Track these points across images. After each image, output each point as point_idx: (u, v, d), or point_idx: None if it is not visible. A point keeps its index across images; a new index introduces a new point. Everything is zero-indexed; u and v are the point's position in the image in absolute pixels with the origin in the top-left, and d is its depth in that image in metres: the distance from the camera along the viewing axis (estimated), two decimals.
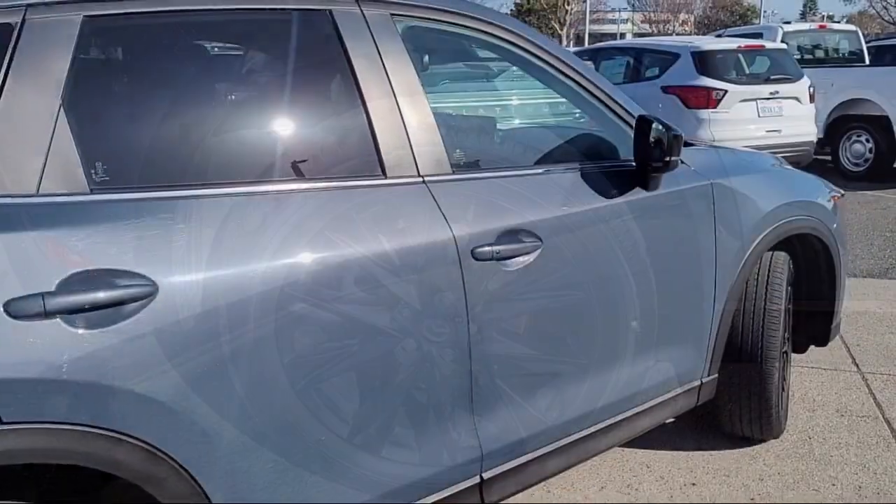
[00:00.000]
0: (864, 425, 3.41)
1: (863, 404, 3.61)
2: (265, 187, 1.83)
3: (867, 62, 11.89)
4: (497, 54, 2.63)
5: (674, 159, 2.39)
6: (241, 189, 1.79)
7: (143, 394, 1.53)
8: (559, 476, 2.77)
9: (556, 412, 2.35)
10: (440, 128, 2.13)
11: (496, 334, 2.15)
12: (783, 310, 3.06)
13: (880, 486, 2.93)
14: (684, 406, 2.85)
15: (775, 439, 3.24)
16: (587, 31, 42.74)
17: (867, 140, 10.06)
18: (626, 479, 3.00)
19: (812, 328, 3.48)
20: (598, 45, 11.54)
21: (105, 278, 1.50)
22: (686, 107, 8.27)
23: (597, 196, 2.40)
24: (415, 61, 2.13)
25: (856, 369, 4.02)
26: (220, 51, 1.95)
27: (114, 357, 1.49)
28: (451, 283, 2.02)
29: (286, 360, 1.75)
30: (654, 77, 8.87)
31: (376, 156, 1.99)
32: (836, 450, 3.20)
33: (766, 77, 8.87)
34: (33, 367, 1.40)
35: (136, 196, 1.63)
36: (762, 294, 3.01)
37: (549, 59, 2.45)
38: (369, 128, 1.99)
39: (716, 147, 3.64)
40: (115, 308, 1.50)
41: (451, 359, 2.06)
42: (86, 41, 1.62)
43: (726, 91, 8.37)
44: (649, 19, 55.12)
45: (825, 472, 3.04)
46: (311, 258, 1.78)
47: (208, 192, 1.72)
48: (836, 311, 3.43)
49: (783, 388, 3.22)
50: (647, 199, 2.51)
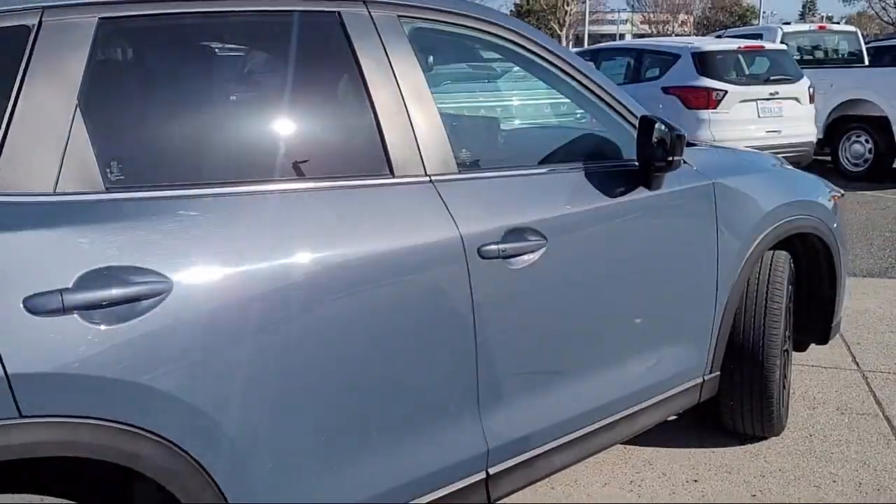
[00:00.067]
0: (865, 423, 3.44)
1: (863, 402, 3.64)
2: (276, 186, 1.86)
3: (866, 63, 11.92)
4: (502, 55, 2.66)
5: (676, 159, 2.42)
6: (253, 188, 1.82)
7: (158, 389, 1.56)
8: (563, 472, 2.80)
9: (561, 408, 2.37)
10: (446, 128, 2.16)
11: (502, 332, 2.18)
12: (784, 308, 3.08)
13: (880, 483, 2.95)
14: (687, 403, 2.88)
15: (776, 437, 3.27)
16: (586, 32, 42.76)
17: (866, 140, 10.09)
18: (628, 476, 3.03)
19: (813, 327, 3.50)
20: (598, 45, 11.57)
21: (121, 275, 1.53)
22: (686, 107, 8.29)
23: (600, 195, 2.43)
24: (421, 62, 2.16)
25: (856, 367, 4.05)
26: (231, 52, 1.98)
27: (129, 352, 1.52)
28: (458, 280, 2.05)
29: (296, 356, 1.78)
30: (655, 78, 8.89)
31: (384, 155, 2.02)
32: (837, 447, 3.23)
33: (765, 78, 8.90)
34: (52, 362, 1.43)
35: (150, 195, 1.66)
36: (763, 293, 3.03)
37: (553, 60, 2.48)
38: (377, 128, 2.02)
39: (717, 147, 3.68)
40: (130, 304, 1.53)
41: (457, 355, 2.09)
42: (101, 42, 1.64)
43: (726, 92, 8.39)
44: (648, 20, 55.07)
45: (826, 468, 3.07)
46: (323, 256, 1.81)
47: (220, 190, 1.75)
48: (836, 309, 3.45)
49: (784, 386, 3.24)
50: (650, 198, 2.54)
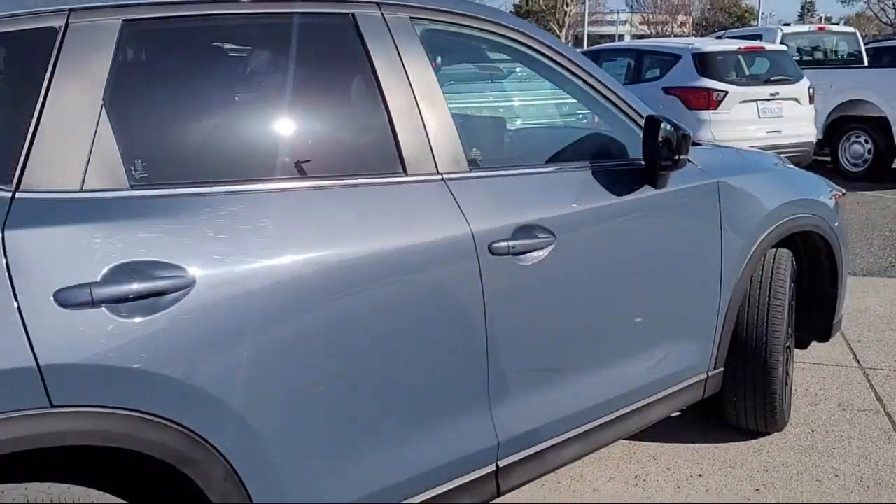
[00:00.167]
0: (866, 419, 3.48)
1: (864, 399, 3.69)
2: (294, 184, 1.90)
3: (866, 64, 11.97)
4: (510, 56, 2.70)
5: (683, 158, 2.47)
6: (271, 185, 1.86)
7: (181, 380, 1.60)
8: (568, 467, 2.84)
9: (569, 402, 2.42)
10: (456, 127, 2.20)
11: (512, 326, 2.22)
12: (787, 306, 3.12)
13: (882, 477, 3.00)
14: (691, 398, 2.92)
15: (779, 432, 3.32)
16: (586, 33, 42.81)
17: (866, 141, 10.14)
18: (633, 471, 3.07)
19: (814, 324, 3.55)
20: (599, 46, 11.60)
21: (145, 270, 1.58)
22: (687, 108, 8.33)
23: (607, 194, 2.47)
24: (432, 63, 2.20)
25: (857, 365, 4.10)
26: (249, 53, 2.02)
27: (154, 345, 1.56)
28: (469, 276, 2.09)
29: (314, 349, 1.82)
30: (655, 78, 8.93)
31: (397, 154, 2.06)
32: (839, 442, 3.27)
33: (766, 78, 8.94)
34: (81, 354, 1.47)
35: (172, 192, 1.70)
36: (766, 290, 3.07)
37: (561, 60, 2.53)
38: (391, 127, 2.06)
39: (721, 146, 3.72)
40: (154, 298, 1.57)
41: (468, 350, 2.13)
42: (125, 44, 1.69)
43: (727, 92, 8.43)
44: (647, 21, 55.13)
45: (828, 463, 3.11)
46: (339, 252, 1.85)
47: (240, 188, 1.79)
48: (837, 307, 3.50)
49: (787, 383, 3.29)
50: (656, 196, 2.58)
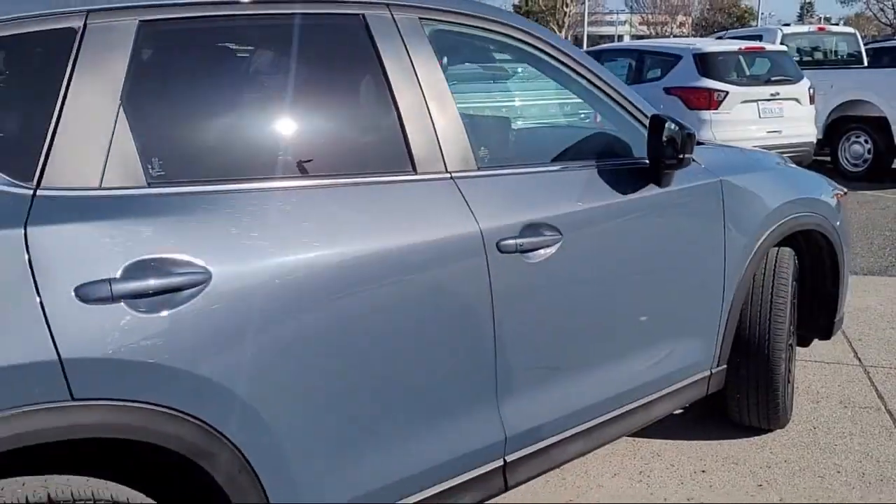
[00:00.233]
0: (867, 416, 3.51)
1: (865, 396, 3.72)
2: (307, 182, 1.93)
3: (865, 64, 12.00)
4: (517, 56, 2.73)
5: (687, 157, 2.50)
6: (284, 183, 1.89)
7: (198, 374, 1.62)
8: (573, 463, 2.87)
9: (575, 398, 2.45)
10: (465, 126, 2.23)
11: (519, 323, 2.25)
12: (789, 304, 3.15)
13: (883, 473, 3.03)
14: (695, 395, 2.95)
15: (781, 429, 3.34)
16: (585, 34, 42.83)
17: (866, 141, 10.18)
18: (637, 467, 3.10)
19: (816, 322, 3.58)
20: (600, 47, 11.63)
21: (163, 266, 1.60)
22: (688, 108, 8.36)
23: (613, 192, 2.50)
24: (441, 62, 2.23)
25: (858, 363, 4.13)
26: (261, 53, 2.05)
27: (171, 339, 1.59)
28: (478, 273, 2.12)
29: (327, 344, 1.85)
30: (657, 79, 8.96)
31: (407, 153, 2.09)
32: (840, 439, 3.30)
33: (766, 79, 8.98)
34: (101, 348, 1.50)
35: (188, 189, 1.73)
36: (769, 288, 3.10)
37: (567, 61, 2.56)
38: (400, 126, 2.09)
39: (724, 146, 3.75)
40: (172, 294, 1.60)
41: (477, 346, 2.16)
42: (141, 44, 1.72)
43: (728, 92, 8.47)
44: (647, 21, 55.16)
45: (830, 460, 3.14)
46: (351, 248, 1.88)
47: (254, 186, 1.82)
48: (839, 305, 3.53)
49: (789, 380, 3.32)
50: (661, 195, 2.61)
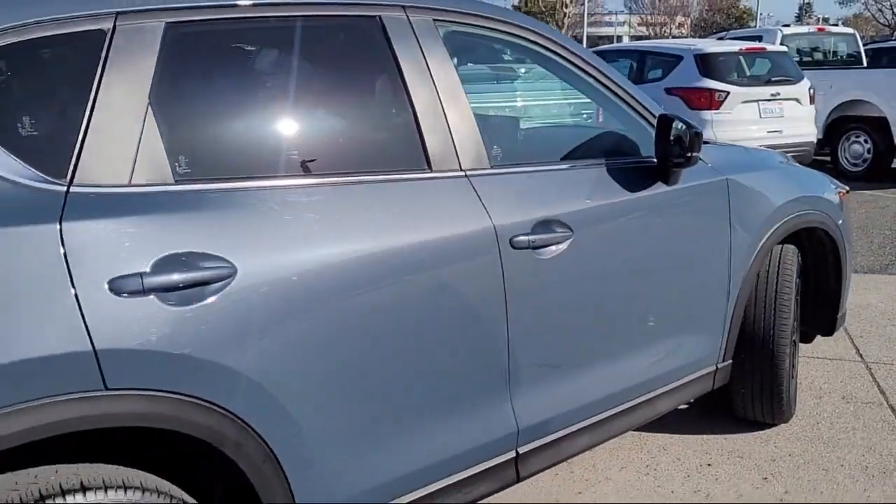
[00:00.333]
0: (870, 411, 3.56)
1: (867, 392, 3.77)
2: (327, 179, 1.97)
3: (865, 64, 12.06)
4: (527, 57, 2.78)
5: (695, 155, 2.55)
6: (304, 181, 1.94)
7: (225, 366, 1.67)
8: (581, 457, 2.93)
9: (585, 392, 2.50)
10: (478, 125, 2.28)
11: (531, 318, 2.29)
12: (793, 300, 3.21)
13: (886, 467, 3.08)
14: (701, 390, 3.00)
15: (785, 424, 3.40)
16: (585, 34, 42.88)
17: (865, 140, 10.24)
18: (644, 460, 3.15)
19: (818, 319, 3.63)
20: (601, 47, 11.67)
21: (191, 261, 1.65)
22: (689, 108, 8.41)
23: (621, 190, 2.56)
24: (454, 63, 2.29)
25: (860, 359, 4.18)
26: (282, 54, 2.10)
27: (199, 332, 1.64)
28: (492, 269, 2.17)
29: (347, 338, 1.90)
30: (658, 79, 9.01)
31: (423, 151, 2.14)
32: (843, 433, 3.36)
33: (767, 79, 9.04)
34: (134, 339, 1.55)
35: (213, 186, 1.77)
36: (773, 285, 3.16)
37: (576, 61, 2.61)
38: (416, 125, 2.14)
39: (729, 145, 3.81)
40: (200, 288, 1.65)
41: (490, 340, 2.21)
42: (168, 45, 1.76)
43: (729, 93, 8.53)
44: (646, 22, 55.21)
45: (833, 453, 3.19)
46: (370, 244, 1.93)
47: (276, 183, 1.87)
48: (841, 302, 3.58)
49: (792, 376, 3.37)
50: (668, 193, 2.66)
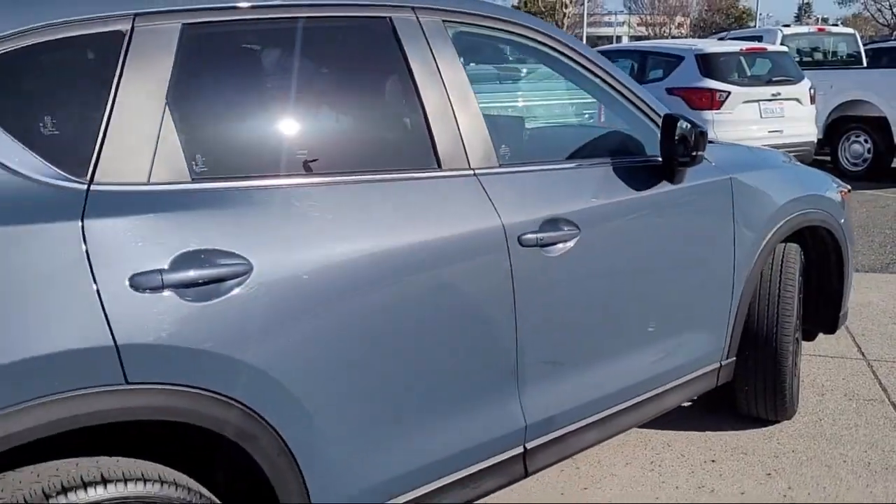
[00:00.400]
0: (872, 408, 3.60)
1: (869, 389, 3.80)
2: (339, 178, 2.00)
3: (865, 64, 12.09)
4: (534, 57, 2.82)
5: (699, 154, 2.59)
6: (318, 179, 1.97)
7: (241, 361, 1.70)
8: (587, 453, 2.96)
9: (591, 389, 2.53)
10: (486, 124, 2.32)
11: (539, 315, 2.32)
12: (796, 298, 3.24)
13: (888, 463, 3.11)
14: (705, 386, 3.03)
15: (788, 420, 3.43)
16: (584, 34, 42.93)
17: (865, 140, 10.28)
18: (649, 457, 3.18)
19: (821, 317, 3.66)
20: (601, 48, 11.70)
21: (208, 258, 1.68)
22: (690, 108, 8.43)
23: (627, 189, 2.59)
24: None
25: (861, 357, 4.22)
26: (296, 54, 2.12)
27: (217, 327, 1.67)
28: (500, 267, 2.20)
29: (360, 335, 1.93)
30: (659, 79, 9.05)
31: (432, 150, 2.17)
32: (846, 430, 3.39)
33: (767, 79, 9.08)
34: (154, 335, 1.58)
35: (229, 185, 1.80)
36: (776, 283, 3.19)
37: (582, 61, 2.64)
38: (426, 125, 2.17)
39: (732, 144, 3.84)
40: (217, 284, 1.68)
41: (500, 336, 2.24)
42: (185, 46, 1.79)
43: (730, 93, 8.56)
44: (645, 22, 55.27)
45: (836, 450, 3.23)
46: (383, 242, 1.96)
47: (290, 181, 1.91)
48: (843, 300, 3.61)
49: (795, 373, 3.40)
50: (673, 192, 2.70)
